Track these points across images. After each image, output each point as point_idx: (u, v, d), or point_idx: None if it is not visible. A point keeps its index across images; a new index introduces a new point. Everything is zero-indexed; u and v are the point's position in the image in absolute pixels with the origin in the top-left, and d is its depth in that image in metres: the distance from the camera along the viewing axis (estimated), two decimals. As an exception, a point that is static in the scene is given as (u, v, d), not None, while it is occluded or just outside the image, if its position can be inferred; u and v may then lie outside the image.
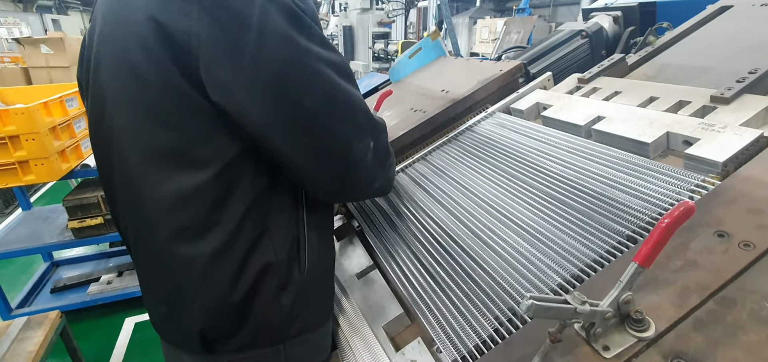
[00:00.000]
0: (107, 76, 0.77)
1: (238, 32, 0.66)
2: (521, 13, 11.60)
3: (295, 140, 0.75)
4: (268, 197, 0.78)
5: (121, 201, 0.84)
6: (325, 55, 0.74)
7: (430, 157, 1.39)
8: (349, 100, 0.79)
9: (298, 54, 0.70)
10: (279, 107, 0.71)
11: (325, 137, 0.77)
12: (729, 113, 1.01)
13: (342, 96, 0.77)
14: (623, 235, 0.80)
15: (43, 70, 5.08)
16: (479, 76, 1.59)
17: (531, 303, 0.49)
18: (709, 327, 0.57)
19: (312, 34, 0.73)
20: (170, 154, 0.73)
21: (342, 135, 0.79)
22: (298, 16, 0.71)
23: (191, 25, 0.65)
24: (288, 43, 0.69)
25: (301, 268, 0.84)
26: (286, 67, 0.70)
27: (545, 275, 0.80)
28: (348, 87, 0.78)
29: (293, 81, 0.71)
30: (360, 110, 0.82)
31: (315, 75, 0.73)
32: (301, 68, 0.71)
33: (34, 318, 2.08)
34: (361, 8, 5.54)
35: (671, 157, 0.98)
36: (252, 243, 0.77)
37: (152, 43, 0.68)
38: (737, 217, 0.69)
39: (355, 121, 0.80)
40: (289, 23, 0.69)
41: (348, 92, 0.78)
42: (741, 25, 1.45)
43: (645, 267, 0.52)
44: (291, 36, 0.69)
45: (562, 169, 1.05)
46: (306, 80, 0.72)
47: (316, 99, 0.73)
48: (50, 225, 2.91)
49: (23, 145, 2.24)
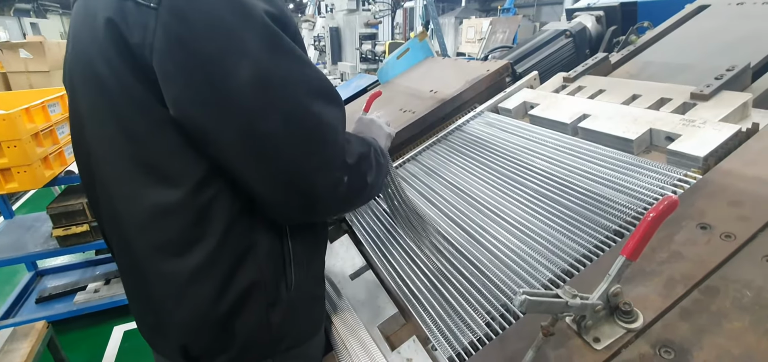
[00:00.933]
0: (79, 84, 0.74)
1: (195, 47, 0.60)
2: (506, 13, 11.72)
3: (251, 166, 0.68)
4: (251, 213, 0.74)
5: (103, 212, 0.82)
6: (295, 75, 0.66)
7: (421, 157, 1.40)
8: (317, 129, 0.69)
9: (259, 72, 0.63)
10: (235, 129, 0.64)
11: (283, 167, 0.68)
12: (708, 109, 1.04)
13: (309, 122, 0.68)
14: (610, 230, 0.83)
15: (22, 74, 4.95)
16: (467, 76, 1.62)
17: (524, 298, 0.50)
18: (694, 316, 0.59)
19: (284, 51, 0.66)
20: (142, 168, 0.69)
21: (303, 168, 0.69)
22: (274, 37, 0.64)
23: (146, 36, 0.61)
24: (248, 61, 0.62)
25: (289, 285, 0.80)
26: (243, 87, 0.62)
27: (536, 271, 0.82)
28: (320, 112, 0.69)
29: (248, 102, 0.63)
30: (330, 142, 0.71)
31: (277, 97, 0.64)
32: (260, 87, 0.63)
33: (19, 329, 2.03)
34: (347, 9, 5.53)
35: (654, 153, 1.01)
36: (236, 260, 0.73)
37: (111, 51, 0.64)
38: (718, 210, 0.72)
39: (320, 153, 0.70)
40: (261, 41, 0.63)
41: (317, 119, 0.68)
42: (718, 23, 1.50)
43: (632, 260, 0.54)
44: (255, 54, 0.62)
45: (550, 167, 1.07)
46: (264, 101, 0.64)
47: (273, 124, 0.65)
48: (34, 233, 2.84)
49: (4, 152, 2.19)
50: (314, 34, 7.55)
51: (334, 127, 0.72)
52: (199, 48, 0.60)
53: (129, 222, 0.74)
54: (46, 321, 2.09)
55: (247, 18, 0.62)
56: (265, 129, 0.65)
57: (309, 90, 0.68)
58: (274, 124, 0.65)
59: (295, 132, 0.67)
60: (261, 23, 0.63)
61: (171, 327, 0.78)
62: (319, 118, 0.69)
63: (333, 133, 0.72)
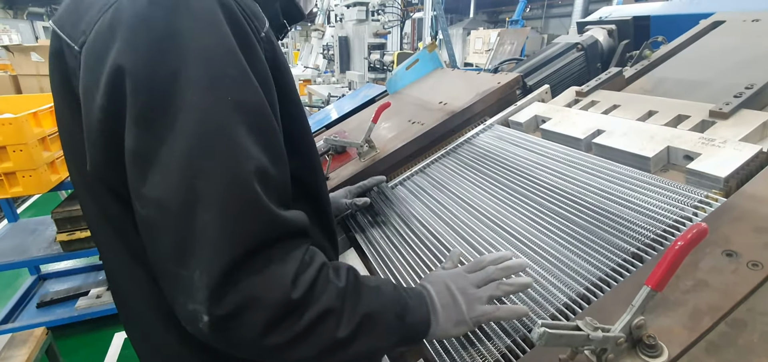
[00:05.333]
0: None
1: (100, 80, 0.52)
2: (514, 25, 11.75)
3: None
4: None
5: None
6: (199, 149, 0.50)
7: (429, 170, 1.37)
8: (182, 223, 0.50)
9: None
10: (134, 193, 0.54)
11: (152, 258, 0.54)
12: (728, 128, 1.01)
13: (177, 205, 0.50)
14: (628, 252, 0.79)
15: (33, 78, 5.00)
16: (477, 89, 1.59)
17: (543, 331, 0.47)
18: (721, 350, 0.56)
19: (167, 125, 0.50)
20: (99, 186, 0.61)
21: (162, 271, 0.54)
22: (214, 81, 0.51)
23: (73, 62, 0.56)
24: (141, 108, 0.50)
25: None
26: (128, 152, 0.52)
27: (550, 294, 0.79)
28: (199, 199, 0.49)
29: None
30: (197, 250, 0.49)
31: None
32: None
33: (18, 336, 2.01)
34: (356, 19, 5.55)
35: (672, 172, 0.98)
36: None
37: (55, 63, 0.61)
38: (745, 236, 0.68)
39: (179, 261, 0.50)
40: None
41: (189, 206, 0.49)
42: (734, 40, 1.47)
43: (658, 290, 0.51)
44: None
45: (563, 183, 1.04)
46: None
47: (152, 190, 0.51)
48: (37, 237, 2.84)
49: (10, 156, 2.19)
50: (323, 44, 7.59)
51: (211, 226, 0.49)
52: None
53: (95, 237, 0.71)
54: (45, 328, 2.07)
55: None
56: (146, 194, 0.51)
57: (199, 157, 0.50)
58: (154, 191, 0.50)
59: (167, 213, 0.50)
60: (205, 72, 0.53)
61: (150, 345, 0.74)
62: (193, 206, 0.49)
63: (204, 236, 0.49)
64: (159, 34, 0.50)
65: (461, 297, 0.70)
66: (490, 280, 0.73)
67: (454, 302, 0.69)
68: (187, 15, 0.51)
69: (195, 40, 0.51)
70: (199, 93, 0.50)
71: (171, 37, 0.50)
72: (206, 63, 0.51)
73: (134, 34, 0.50)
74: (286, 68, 0.68)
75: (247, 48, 0.55)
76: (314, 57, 8.51)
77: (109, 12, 0.52)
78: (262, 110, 0.56)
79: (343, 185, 1.38)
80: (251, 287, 0.50)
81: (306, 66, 8.62)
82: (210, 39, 0.52)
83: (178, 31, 0.51)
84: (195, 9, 0.52)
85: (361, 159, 1.45)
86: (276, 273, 0.52)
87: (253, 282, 0.50)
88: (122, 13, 0.51)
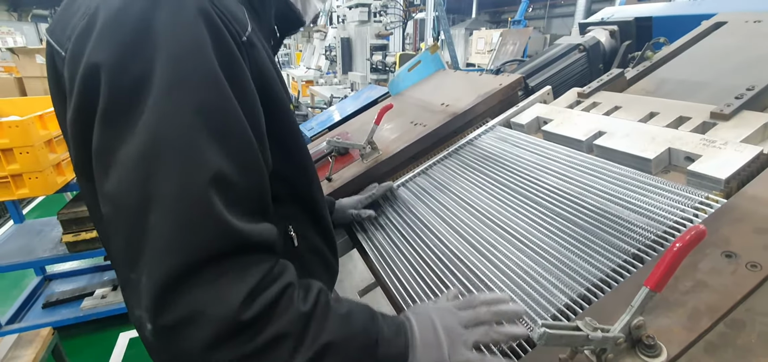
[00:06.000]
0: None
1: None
2: (517, 25, 11.75)
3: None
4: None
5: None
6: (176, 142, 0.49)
7: (431, 171, 1.38)
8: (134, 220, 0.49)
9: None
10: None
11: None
12: (729, 129, 1.01)
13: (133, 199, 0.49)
14: (629, 253, 0.80)
15: (37, 80, 5.04)
16: (479, 90, 1.60)
17: (543, 331, 0.48)
18: (720, 350, 0.56)
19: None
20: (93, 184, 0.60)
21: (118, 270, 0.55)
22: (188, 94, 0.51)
23: (62, 67, 0.57)
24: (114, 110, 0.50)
25: None
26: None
27: (551, 295, 0.79)
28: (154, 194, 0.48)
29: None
30: (146, 254, 0.48)
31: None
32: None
33: (24, 336, 2.04)
34: (359, 21, 5.56)
35: (673, 173, 0.98)
36: None
37: (49, 70, 0.62)
38: (744, 237, 0.69)
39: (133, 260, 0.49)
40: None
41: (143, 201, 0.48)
42: (736, 41, 1.47)
43: (657, 291, 0.52)
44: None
45: (565, 185, 1.05)
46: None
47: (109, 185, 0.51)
48: (43, 238, 2.87)
49: (17, 158, 2.21)
50: (326, 45, 7.61)
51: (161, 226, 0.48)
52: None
53: (97, 229, 0.71)
54: (51, 328, 2.09)
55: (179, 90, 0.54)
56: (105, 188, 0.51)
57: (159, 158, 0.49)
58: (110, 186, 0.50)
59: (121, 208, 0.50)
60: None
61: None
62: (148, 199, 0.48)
63: (154, 235, 0.48)
64: (130, 33, 0.50)
65: (445, 337, 0.64)
66: (480, 323, 0.67)
67: (436, 341, 0.64)
68: (160, 15, 0.51)
69: (166, 39, 0.50)
70: (163, 93, 0.49)
71: (142, 36, 0.50)
72: (174, 64, 0.50)
73: (106, 32, 0.51)
74: (271, 73, 0.66)
75: (221, 51, 0.54)
76: (316, 58, 8.54)
77: (87, 16, 0.54)
78: (230, 115, 0.53)
79: (346, 186, 1.39)
80: (196, 300, 0.47)
81: (308, 67, 8.65)
82: (181, 40, 0.51)
83: (150, 29, 0.50)
84: (169, 10, 0.52)
85: (363, 160, 1.46)
86: (226, 289, 0.49)
87: (199, 295, 0.48)
88: (98, 15, 0.52)
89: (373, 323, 0.62)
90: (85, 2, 0.56)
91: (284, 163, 0.71)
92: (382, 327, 0.63)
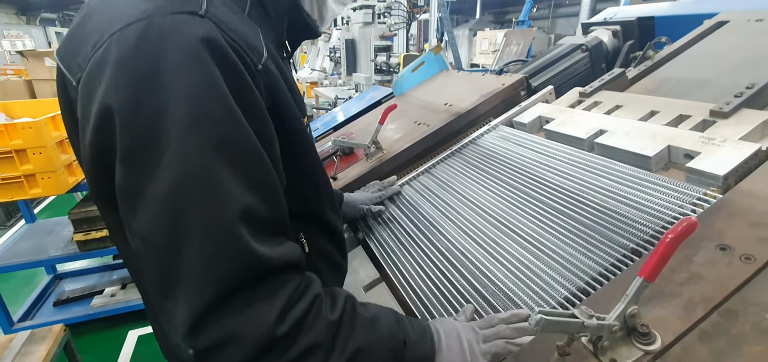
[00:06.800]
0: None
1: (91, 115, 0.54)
2: (521, 26, 11.74)
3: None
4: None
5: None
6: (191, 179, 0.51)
7: (435, 170, 1.41)
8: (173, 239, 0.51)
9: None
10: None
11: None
12: (728, 127, 1.03)
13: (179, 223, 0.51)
14: (628, 248, 0.82)
15: (46, 82, 5.12)
16: (482, 90, 1.62)
17: (540, 318, 0.50)
18: (713, 339, 0.58)
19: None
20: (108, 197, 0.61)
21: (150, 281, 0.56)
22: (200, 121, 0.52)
23: (74, 94, 0.59)
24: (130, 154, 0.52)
25: None
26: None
27: (551, 288, 0.82)
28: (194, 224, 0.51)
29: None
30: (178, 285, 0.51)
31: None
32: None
33: (37, 332, 2.08)
34: (363, 22, 5.60)
35: (673, 170, 1.00)
36: None
37: (60, 91, 0.64)
38: (738, 231, 0.71)
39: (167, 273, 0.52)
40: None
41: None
42: (737, 40, 1.48)
43: (650, 281, 0.54)
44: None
45: (566, 182, 1.07)
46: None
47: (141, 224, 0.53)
48: (55, 237, 2.92)
49: (30, 158, 2.27)
50: (330, 46, 7.65)
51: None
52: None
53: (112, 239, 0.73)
54: (63, 325, 2.13)
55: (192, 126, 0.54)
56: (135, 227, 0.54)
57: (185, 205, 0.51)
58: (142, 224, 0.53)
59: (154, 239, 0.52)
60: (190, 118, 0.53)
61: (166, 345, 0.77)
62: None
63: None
64: (143, 74, 0.51)
65: (468, 346, 0.69)
66: (498, 337, 0.71)
67: (460, 347, 0.69)
68: (170, 54, 0.51)
69: (178, 78, 0.51)
70: (181, 132, 0.50)
71: (154, 76, 0.51)
72: (189, 102, 0.51)
73: (119, 74, 0.51)
74: (286, 97, 0.67)
75: (235, 83, 0.55)
76: (321, 59, 8.58)
77: (100, 50, 0.53)
78: (249, 147, 0.55)
79: (351, 185, 1.42)
80: (231, 325, 0.51)
81: (313, 68, 8.69)
82: (193, 77, 0.52)
83: (161, 70, 0.51)
84: (178, 47, 0.52)
85: (368, 159, 1.49)
86: (259, 311, 0.53)
87: (234, 320, 0.52)
88: (110, 52, 0.52)
89: (399, 326, 0.66)
90: (96, 29, 0.55)
91: (297, 182, 0.72)
92: (408, 330, 0.66)
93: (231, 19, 0.59)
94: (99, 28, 0.55)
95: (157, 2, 0.54)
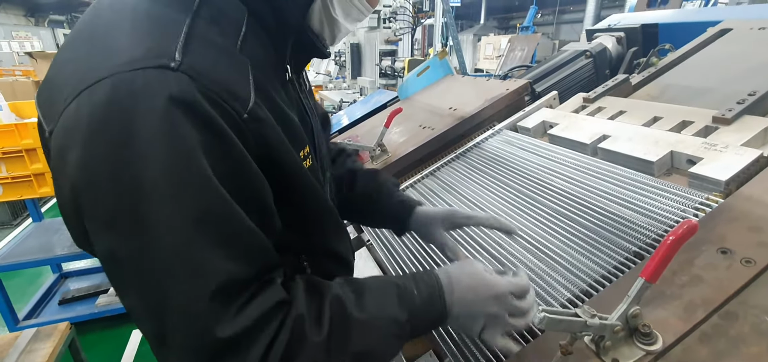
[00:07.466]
0: None
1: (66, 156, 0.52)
2: (525, 31, 11.76)
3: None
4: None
5: None
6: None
7: (439, 173, 1.42)
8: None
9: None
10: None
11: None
12: (730, 133, 1.04)
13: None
14: (630, 251, 0.83)
15: (55, 84, 5.18)
16: (486, 95, 1.64)
17: (543, 316, 0.51)
18: (713, 340, 0.60)
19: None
20: None
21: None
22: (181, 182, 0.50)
23: (49, 141, 0.56)
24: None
25: None
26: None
27: (555, 290, 0.83)
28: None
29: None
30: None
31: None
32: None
33: (43, 330, 2.10)
34: (368, 27, 5.63)
35: (675, 175, 1.01)
36: None
37: (40, 129, 0.61)
38: (739, 235, 0.72)
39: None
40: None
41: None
42: (740, 47, 1.49)
43: (651, 282, 0.55)
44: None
45: (569, 186, 1.08)
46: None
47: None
48: (61, 236, 2.95)
49: (39, 157, 2.30)
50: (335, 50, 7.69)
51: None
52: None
53: None
54: (68, 323, 2.15)
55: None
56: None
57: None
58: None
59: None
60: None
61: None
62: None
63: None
64: (116, 143, 0.49)
65: (484, 311, 0.67)
66: (521, 313, 0.68)
67: (472, 314, 0.67)
68: (142, 120, 0.49)
69: (152, 150, 0.49)
70: (159, 209, 0.49)
71: (128, 146, 0.49)
72: (165, 177, 0.49)
73: (92, 143, 0.49)
74: (280, 141, 0.61)
75: (215, 145, 0.52)
76: (326, 63, 8.62)
77: (72, 105, 0.51)
78: (229, 216, 0.53)
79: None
80: None
81: (318, 72, 8.73)
82: (168, 148, 0.49)
83: (134, 139, 0.48)
84: (149, 114, 0.49)
85: (373, 162, 1.51)
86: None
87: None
88: (81, 114, 0.50)
89: (400, 305, 0.63)
90: (70, 80, 0.52)
91: (299, 219, 0.70)
92: (413, 300, 0.64)
93: (209, 65, 0.54)
94: (72, 79, 0.52)
95: (130, 52, 0.51)
